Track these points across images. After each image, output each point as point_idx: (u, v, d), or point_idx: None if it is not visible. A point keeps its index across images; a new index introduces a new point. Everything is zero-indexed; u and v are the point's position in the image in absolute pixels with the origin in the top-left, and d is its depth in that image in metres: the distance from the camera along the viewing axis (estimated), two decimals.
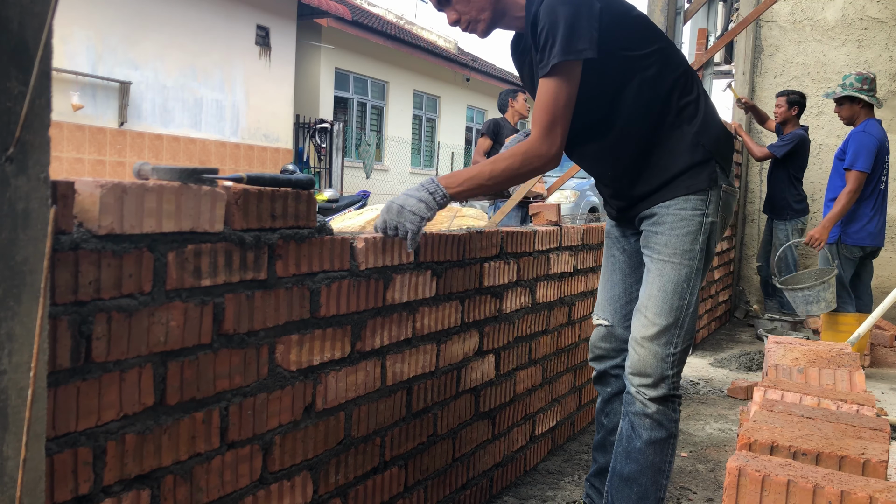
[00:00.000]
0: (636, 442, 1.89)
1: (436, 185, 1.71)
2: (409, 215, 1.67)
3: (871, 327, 4.26)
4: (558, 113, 1.71)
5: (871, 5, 6.16)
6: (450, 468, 2.19)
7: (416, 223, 1.67)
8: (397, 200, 1.70)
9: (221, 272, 1.33)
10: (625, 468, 1.91)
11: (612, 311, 2.13)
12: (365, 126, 16.31)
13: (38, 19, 0.86)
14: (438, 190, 1.70)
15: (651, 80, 1.81)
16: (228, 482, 1.39)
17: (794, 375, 2.18)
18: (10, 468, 0.88)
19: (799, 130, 5.62)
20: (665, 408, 1.87)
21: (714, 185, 1.86)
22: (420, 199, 1.68)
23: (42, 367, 0.91)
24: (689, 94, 1.87)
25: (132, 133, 10.45)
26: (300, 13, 13.28)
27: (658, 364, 1.86)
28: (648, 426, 1.88)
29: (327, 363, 1.62)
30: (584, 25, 1.66)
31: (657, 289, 1.86)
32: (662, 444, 1.89)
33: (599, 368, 2.19)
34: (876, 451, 1.45)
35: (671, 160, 1.85)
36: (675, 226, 1.85)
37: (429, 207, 1.68)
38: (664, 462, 1.90)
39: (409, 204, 1.68)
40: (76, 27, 9.45)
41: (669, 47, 1.87)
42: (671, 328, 1.86)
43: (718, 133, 1.90)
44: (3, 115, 0.83)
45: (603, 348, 2.16)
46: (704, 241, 1.87)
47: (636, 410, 1.89)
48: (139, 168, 1.27)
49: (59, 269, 1.05)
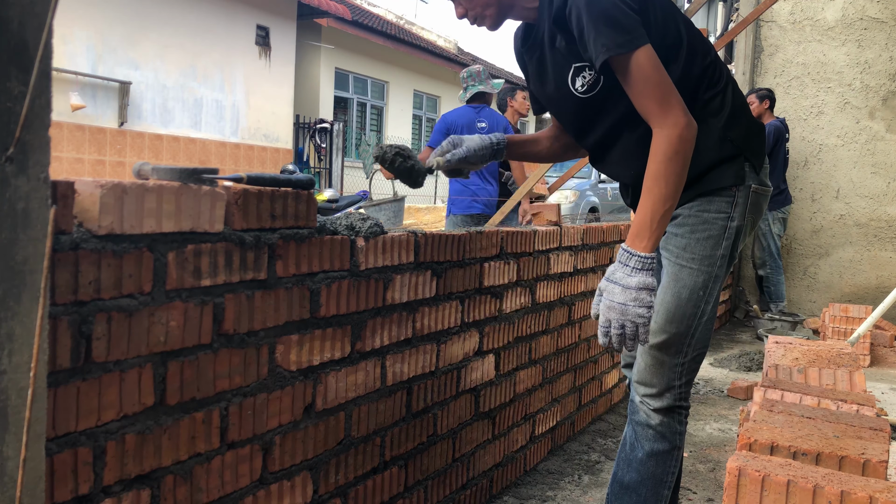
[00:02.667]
0: (638, 452, 1.82)
1: (637, 256, 1.54)
2: (634, 310, 1.53)
3: (871, 327, 4.26)
4: (663, 89, 1.57)
5: (871, 5, 6.16)
6: (450, 468, 2.19)
7: (645, 315, 1.53)
8: (615, 298, 1.54)
9: (221, 272, 1.33)
10: (625, 476, 1.85)
11: None
12: (365, 126, 16.31)
13: (38, 19, 0.86)
14: (644, 260, 1.54)
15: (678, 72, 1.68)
16: (228, 482, 1.39)
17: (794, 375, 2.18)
18: (10, 468, 0.88)
19: (774, 122, 5.85)
20: (669, 420, 1.78)
21: (742, 183, 1.73)
22: (641, 287, 1.53)
23: (42, 367, 0.91)
24: (716, 85, 1.75)
25: (132, 133, 10.45)
26: (300, 13, 13.28)
27: (665, 373, 1.76)
28: (651, 437, 1.80)
29: (327, 363, 1.62)
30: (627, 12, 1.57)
31: (671, 295, 1.74)
32: (665, 456, 1.81)
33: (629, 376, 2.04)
34: (876, 451, 1.45)
35: (696, 157, 1.67)
36: (696, 228, 1.73)
37: (650, 291, 1.54)
38: (666, 473, 1.83)
39: (629, 299, 1.53)
40: (76, 27, 9.46)
41: (695, 36, 1.76)
42: (682, 336, 1.74)
43: (749, 126, 1.77)
44: (3, 115, 0.83)
45: (631, 355, 2.01)
46: (728, 247, 1.73)
47: (639, 420, 1.81)
48: (139, 168, 1.27)
49: (59, 269, 1.05)
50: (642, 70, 1.56)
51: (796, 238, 6.47)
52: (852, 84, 6.24)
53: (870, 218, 6.23)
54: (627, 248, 1.55)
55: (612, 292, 1.56)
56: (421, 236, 1.92)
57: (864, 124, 6.22)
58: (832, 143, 6.28)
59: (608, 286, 1.58)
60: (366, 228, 1.72)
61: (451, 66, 18.21)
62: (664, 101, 1.56)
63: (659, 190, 1.54)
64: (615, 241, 3.37)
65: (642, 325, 1.53)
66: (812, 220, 6.40)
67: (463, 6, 1.73)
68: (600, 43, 1.55)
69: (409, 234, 1.87)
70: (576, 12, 1.58)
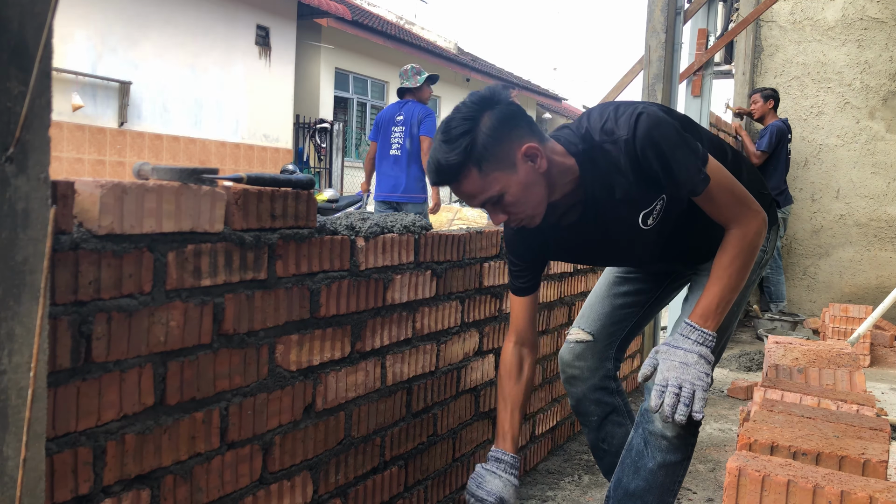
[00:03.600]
0: (648, 461, 1.81)
1: (700, 331, 1.62)
2: (696, 371, 1.58)
3: (871, 327, 4.26)
4: (740, 193, 1.66)
5: (871, 5, 6.16)
6: (450, 468, 2.19)
7: (704, 380, 1.58)
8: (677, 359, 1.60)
9: (221, 272, 1.33)
10: (631, 483, 1.84)
11: (601, 326, 2.04)
12: (365, 126, 16.31)
13: (38, 19, 0.86)
14: (707, 336, 1.62)
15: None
16: (228, 482, 1.39)
17: (794, 375, 2.18)
18: (10, 468, 0.88)
19: (777, 122, 5.87)
20: (685, 431, 1.77)
21: (773, 224, 1.90)
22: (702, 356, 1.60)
23: (42, 367, 0.91)
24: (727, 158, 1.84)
25: (132, 133, 10.44)
26: (300, 13, 13.28)
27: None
28: (665, 448, 1.78)
29: (327, 363, 1.62)
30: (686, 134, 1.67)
31: None
32: (675, 467, 1.81)
33: (576, 394, 2.07)
34: (876, 451, 1.45)
35: None
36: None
37: (710, 363, 1.61)
38: (674, 483, 1.83)
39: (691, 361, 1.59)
40: (76, 27, 9.45)
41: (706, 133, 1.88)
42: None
43: (761, 177, 1.97)
44: (3, 115, 0.83)
45: (578, 367, 2.04)
46: (757, 274, 1.90)
47: (654, 430, 1.78)
48: (139, 168, 1.27)
49: (59, 269, 1.05)
50: (722, 181, 1.63)
51: (796, 238, 6.47)
52: (852, 84, 6.24)
53: (870, 218, 6.23)
54: (692, 323, 1.63)
55: (673, 354, 1.61)
56: (421, 236, 1.92)
57: (864, 124, 6.22)
58: (832, 143, 6.28)
59: (668, 350, 1.62)
60: (366, 228, 1.72)
61: (451, 66, 18.21)
62: (745, 199, 1.66)
63: (729, 279, 1.64)
64: None
65: (700, 390, 1.57)
66: (812, 220, 6.40)
67: (506, 212, 1.58)
68: (692, 173, 1.59)
69: (408, 234, 1.87)
70: (653, 151, 1.58)
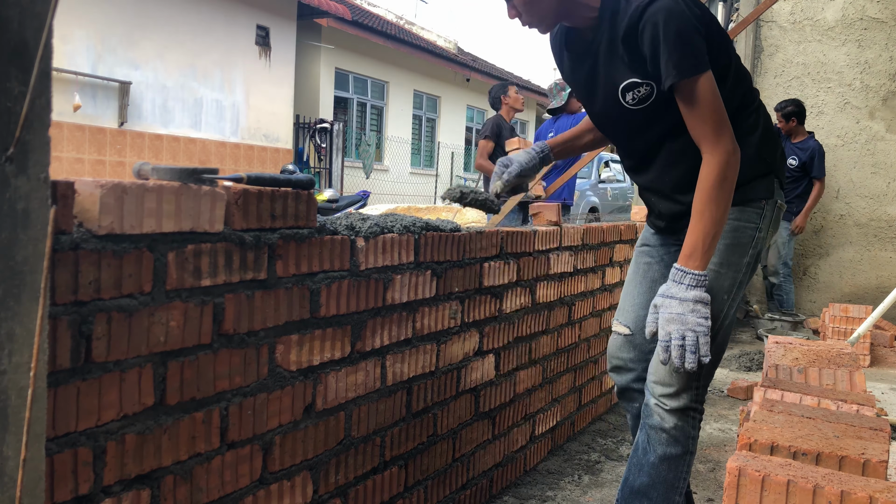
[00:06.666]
0: (650, 456, 1.82)
1: (691, 274, 1.63)
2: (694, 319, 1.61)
3: (871, 327, 4.26)
4: (719, 117, 1.66)
5: (871, 5, 6.16)
6: (450, 468, 2.19)
7: (704, 325, 1.60)
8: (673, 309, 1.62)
9: (221, 272, 1.33)
10: (636, 481, 1.85)
11: (635, 319, 2.04)
12: (365, 126, 16.31)
13: (38, 19, 0.86)
14: (698, 277, 1.63)
15: (726, 93, 1.74)
16: (228, 482, 1.39)
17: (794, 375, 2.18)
18: (10, 468, 0.88)
19: (812, 142, 5.90)
20: (683, 423, 1.79)
21: (771, 197, 1.83)
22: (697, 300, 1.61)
23: (42, 367, 0.91)
24: (751, 104, 1.83)
25: (132, 133, 10.45)
26: (300, 13, 13.28)
27: (683, 374, 1.76)
28: (664, 441, 1.80)
29: (327, 363, 1.62)
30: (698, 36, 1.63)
31: None
32: (677, 461, 1.81)
33: (621, 383, 2.09)
34: (876, 451, 1.45)
35: None
36: (726, 236, 1.79)
37: (706, 304, 1.63)
38: (678, 479, 1.83)
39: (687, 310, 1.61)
40: (76, 27, 9.45)
41: (738, 59, 1.83)
42: None
43: (777, 146, 1.87)
44: (3, 115, 0.83)
45: (622, 358, 2.06)
46: (753, 256, 1.81)
47: (653, 423, 1.81)
48: (139, 168, 1.27)
49: (59, 269, 1.05)
50: (703, 95, 1.63)
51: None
52: (852, 84, 6.24)
53: (870, 218, 6.23)
54: (681, 267, 1.64)
55: (669, 306, 1.64)
56: (421, 236, 1.92)
57: (864, 124, 6.22)
58: (832, 143, 6.27)
59: (664, 301, 1.64)
60: (366, 228, 1.72)
61: (451, 66, 18.22)
62: (718, 127, 1.65)
63: (710, 213, 1.64)
64: (615, 241, 3.37)
65: (702, 335, 1.60)
66: (812, 220, 6.39)
67: (517, 11, 1.77)
68: (672, 64, 1.61)
69: (408, 234, 1.87)
70: (650, 31, 1.62)
